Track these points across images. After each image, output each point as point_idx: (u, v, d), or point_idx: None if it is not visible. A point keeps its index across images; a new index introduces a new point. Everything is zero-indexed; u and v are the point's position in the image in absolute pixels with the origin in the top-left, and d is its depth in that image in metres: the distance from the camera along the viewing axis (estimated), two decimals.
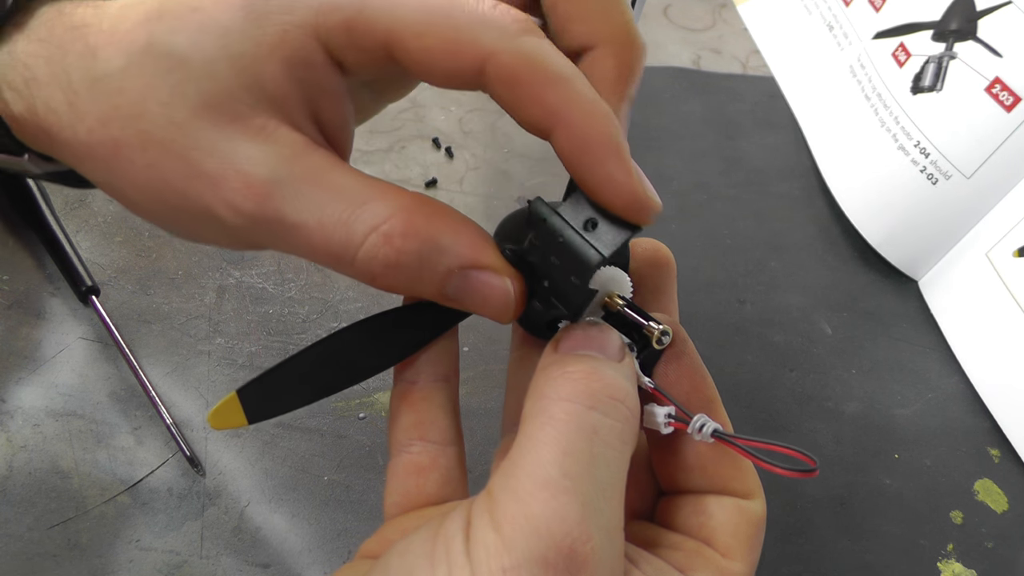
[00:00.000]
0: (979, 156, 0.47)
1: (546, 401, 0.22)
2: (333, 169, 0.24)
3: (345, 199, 0.23)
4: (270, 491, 0.35)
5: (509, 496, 0.21)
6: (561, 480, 0.20)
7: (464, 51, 0.23)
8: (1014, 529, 0.39)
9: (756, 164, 0.56)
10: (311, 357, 0.26)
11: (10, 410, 0.36)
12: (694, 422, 0.24)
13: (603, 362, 0.23)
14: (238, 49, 0.23)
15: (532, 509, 0.20)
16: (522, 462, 0.21)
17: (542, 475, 0.21)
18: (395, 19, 0.23)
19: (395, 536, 0.25)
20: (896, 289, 0.50)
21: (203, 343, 0.39)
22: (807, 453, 0.22)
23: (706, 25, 0.68)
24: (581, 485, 0.21)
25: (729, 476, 0.26)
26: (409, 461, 0.26)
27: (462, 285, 0.24)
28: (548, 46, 0.23)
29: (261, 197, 0.23)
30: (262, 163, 0.23)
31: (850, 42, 0.58)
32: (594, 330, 0.24)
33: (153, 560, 0.32)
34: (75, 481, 0.34)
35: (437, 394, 0.27)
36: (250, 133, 0.23)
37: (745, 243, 0.51)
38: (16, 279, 0.40)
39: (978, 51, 0.48)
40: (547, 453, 0.21)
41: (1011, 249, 0.45)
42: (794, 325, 0.47)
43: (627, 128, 0.25)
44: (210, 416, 0.26)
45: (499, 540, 0.20)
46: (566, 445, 0.21)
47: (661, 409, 0.24)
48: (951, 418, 0.43)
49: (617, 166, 0.23)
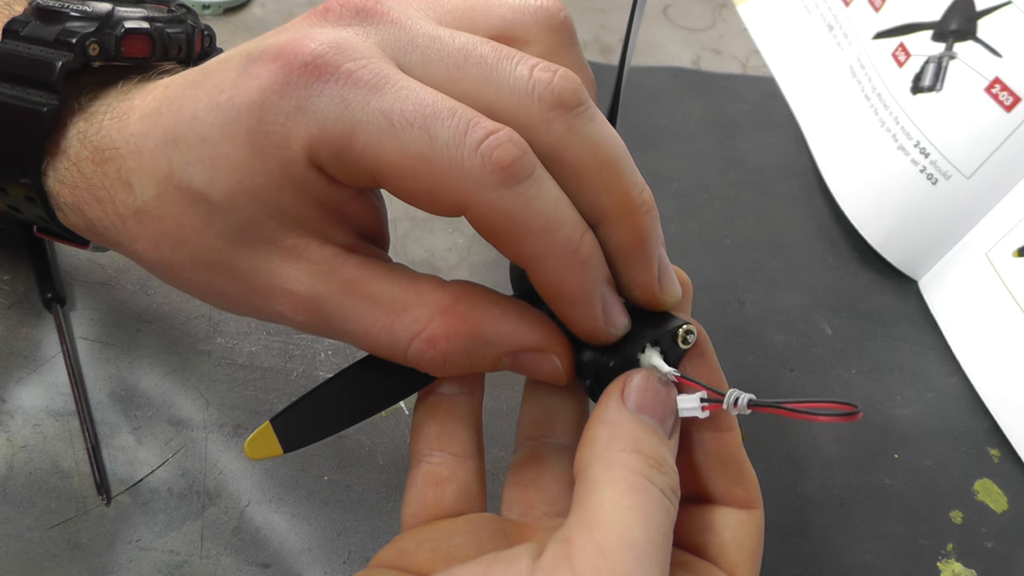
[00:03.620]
0: (979, 156, 0.47)
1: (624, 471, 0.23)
2: (369, 276, 0.25)
3: (384, 308, 0.24)
4: (270, 491, 0.35)
5: (595, 550, 0.21)
6: (645, 545, 0.21)
7: (444, 198, 0.23)
8: (1014, 529, 0.39)
9: (756, 164, 0.56)
10: (343, 382, 0.27)
11: (10, 410, 0.36)
12: (728, 397, 0.24)
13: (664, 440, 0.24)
14: (252, 183, 0.24)
15: (617, 566, 0.21)
16: (609, 521, 0.22)
17: (629, 537, 0.21)
18: (379, 160, 0.23)
19: (411, 547, 0.25)
20: (896, 289, 0.50)
21: (203, 343, 0.39)
22: (845, 400, 0.22)
23: (706, 25, 0.68)
24: (660, 554, 0.22)
25: (733, 485, 0.27)
26: (428, 472, 0.27)
27: (514, 365, 0.26)
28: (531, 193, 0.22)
29: (309, 312, 0.25)
30: (301, 281, 0.24)
31: (850, 42, 0.58)
32: (663, 392, 0.25)
33: (153, 560, 0.32)
34: (75, 481, 0.34)
35: (461, 406, 0.27)
36: (283, 253, 0.25)
37: (745, 243, 0.51)
38: (16, 279, 0.40)
39: (978, 51, 0.48)
40: (633, 518, 0.22)
41: (1011, 249, 0.45)
42: (794, 325, 0.47)
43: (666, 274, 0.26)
44: (246, 446, 0.27)
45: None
46: (649, 515, 0.22)
47: (693, 396, 0.25)
48: (951, 418, 0.43)
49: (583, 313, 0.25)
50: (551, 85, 0.23)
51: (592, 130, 0.23)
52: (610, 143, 0.24)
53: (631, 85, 0.60)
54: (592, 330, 0.25)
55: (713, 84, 0.61)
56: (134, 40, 0.29)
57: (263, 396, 0.38)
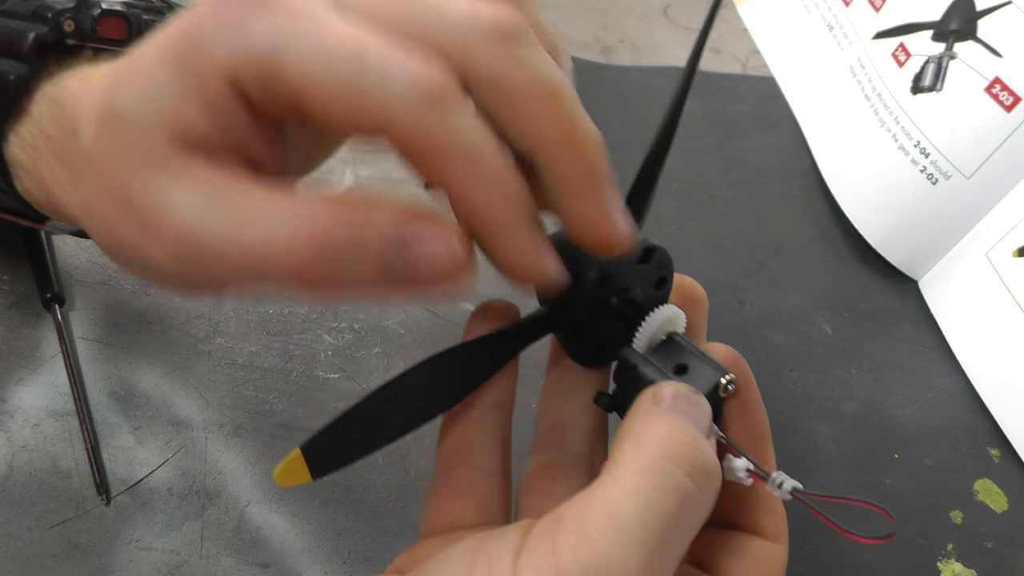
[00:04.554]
0: (979, 156, 0.47)
1: (645, 451, 0.22)
2: (253, 192, 0.23)
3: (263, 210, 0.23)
4: (270, 491, 0.35)
5: (579, 528, 0.21)
6: (636, 530, 0.21)
7: (365, 121, 0.22)
8: (1014, 529, 0.39)
9: (756, 164, 0.56)
10: (372, 405, 0.26)
11: (10, 410, 0.36)
12: (772, 479, 0.24)
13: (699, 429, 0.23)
14: (165, 104, 0.23)
15: (598, 547, 0.20)
16: (605, 500, 0.21)
17: (621, 520, 0.21)
18: (305, 87, 0.22)
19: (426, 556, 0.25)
20: (896, 289, 0.50)
21: (203, 343, 0.39)
22: (884, 507, 0.22)
23: None
24: (652, 540, 0.21)
25: (764, 516, 0.26)
26: (449, 484, 0.26)
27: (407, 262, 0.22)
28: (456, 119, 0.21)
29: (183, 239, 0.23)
30: (185, 206, 0.23)
31: (850, 42, 0.58)
32: (695, 398, 0.24)
33: (153, 560, 0.32)
34: (75, 481, 0.34)
35: (487, 420, 0.27)
36: (178, 179, 0.23)
37: (745, 243, 0.51)
38: (16, 279, 0.40)
39: (978, 51, 0.48)
40: (632, 501, 0.21)
41: (1011, 249, 0.45)
42: (794, 325, 0.47)
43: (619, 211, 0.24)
44: (276, 475, 0.26)
45: (554, 567, 0.20)
46: (653, 499, 0.21)
47: (740, 462, 0.24)
48: (951, 418, 0.43)
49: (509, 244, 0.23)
50: (492, 16, 0.22)
51: (535, 60, 0.22)
52: (555, 77, 0.23)
53: (631, 85, 0.60)
54: (521, 266, 0.23)
55: (713, 84, 0.61)
56: (110, 21, 0.29)
57: (263, 396, 0.38)
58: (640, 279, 0.28)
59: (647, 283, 0.28)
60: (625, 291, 0.27)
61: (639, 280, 0.28)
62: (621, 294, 0.27)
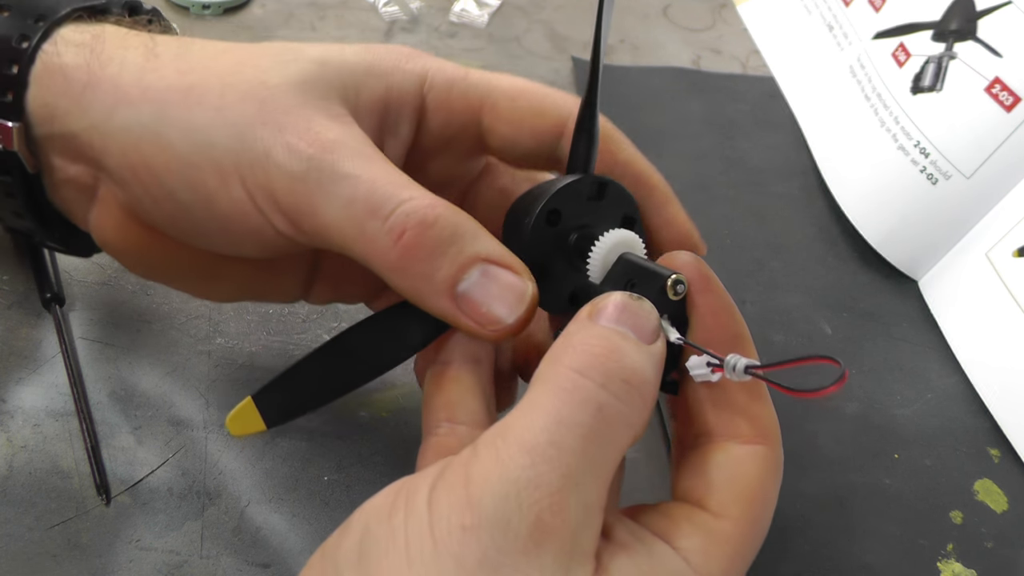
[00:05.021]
0: (979, 156, 0.47)
1: (557, 368, 0.22)
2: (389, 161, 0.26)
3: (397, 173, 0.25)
4: (270, 491, 0.35)
5: (491, 455, 0.20)
6: (547, 448, 0.20)
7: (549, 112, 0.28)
8: (1014, 529, 0.39)
9: (756, 164, 0.56)
10: (323, 356, 0.26)
11: (10, 410, 0.36)
12: (727, 363, 0.22)
13: (630, 342, 0.22)
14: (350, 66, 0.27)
15: (509, 472, 0.20)
16: (515, 424, 0.21)
17: (530, 440, 0.20)
18: (492, 86, 0.29)
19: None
20: (896, 289, 0.50)
21: (203, 343, 0.39)
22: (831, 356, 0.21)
23: (706, 25, 0.68)
24: (567, 457, 0.20)
25: (734, 418, 0.24)
26: (436, 443, 0.26)
27: (480, 280, 0.24)
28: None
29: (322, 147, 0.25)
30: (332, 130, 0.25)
31: (850, 42, 0.58)
32: (633, 303, 0.23)
33: (153, 560, 0.32)
34: (75, 481, 0.34)
35: (467, 376, 0.27)
36: (329, 115, 0.26)
37: (745, 243, 0.51)
38: (15, 279, 0.40)
39: (978, 51, 0.48)
40: (541, 419, 0.21)
41: (1011, 249, 0.45)
42: (794, 325, 0.47)
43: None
44: (228, 422, 0.26)
45: (465, 496, 0.20)
46: (564, 415, 0.20)
47: (700, 359, 0.23)
48: (951, 418, 0.43)
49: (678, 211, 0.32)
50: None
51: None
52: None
53: (631, 85, 0.60)
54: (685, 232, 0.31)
55: (713, 84, 0.61)
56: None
57: None
58: (599, 217, 0.27)
59: (609, 221, 0.27)
60: (583, 228, 0.27)
61: (598, 218, 0.27)
62: (579, 231, 0.27)
